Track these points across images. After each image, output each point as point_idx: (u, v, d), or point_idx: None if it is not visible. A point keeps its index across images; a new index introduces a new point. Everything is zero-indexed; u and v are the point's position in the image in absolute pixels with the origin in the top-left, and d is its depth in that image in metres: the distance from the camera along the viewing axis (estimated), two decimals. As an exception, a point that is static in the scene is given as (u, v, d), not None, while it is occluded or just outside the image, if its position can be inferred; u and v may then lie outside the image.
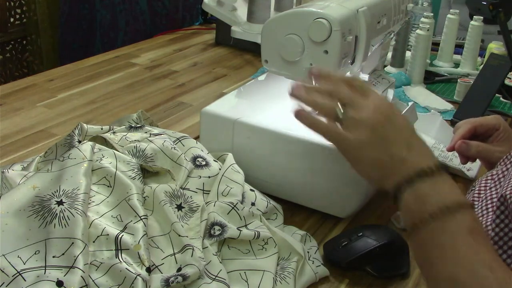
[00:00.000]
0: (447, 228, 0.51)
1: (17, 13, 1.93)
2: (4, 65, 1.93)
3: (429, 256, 0.52)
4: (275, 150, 0.75)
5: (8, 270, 0.53)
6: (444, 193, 0.53)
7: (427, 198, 0.53)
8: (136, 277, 0.55)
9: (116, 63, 1.29)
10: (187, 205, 0.68)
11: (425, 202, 0.53)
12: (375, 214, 0.79)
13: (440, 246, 0.51)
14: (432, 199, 0.53)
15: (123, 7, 1.74)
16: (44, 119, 0.99)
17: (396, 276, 0.67)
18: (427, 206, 0.53)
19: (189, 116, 1.04)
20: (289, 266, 0.64)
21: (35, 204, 0.59)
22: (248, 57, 1.38)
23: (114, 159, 0.68)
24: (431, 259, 0.52)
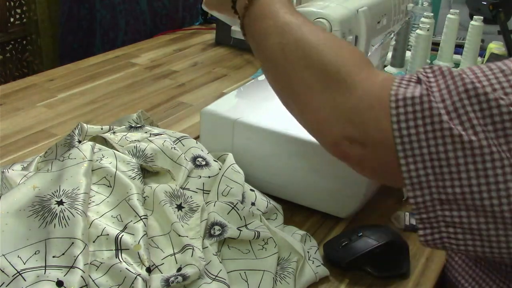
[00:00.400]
0: None
1: (17, 13, 1.93)
2: (4, 65, 1.93)
3: (263, 27, 0.58)
4: (275, 150, 0.75)
5: (8, 270, 0.53)
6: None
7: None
8: (136, 277, 0.55)
9: (116, 63, 1.29)
10: (187, 205, 0.68)
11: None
12: (375, 214, 0.79)
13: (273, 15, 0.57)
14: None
15: (123, 7, 1.74)
16: (44, 119, 0.99)
17: (396, 276, 0.67)
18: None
19: (189, 116, 1.04)
20: (289, 266, 0.64)
21: (35, 204, 0.59)
22: (248, 57, 1.38)
23: (114, 159, 0.68)
24: (265, 29, 0.57)
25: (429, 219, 0.48)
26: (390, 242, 0.67)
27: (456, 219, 0.47)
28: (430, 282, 0.67)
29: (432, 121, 0.46)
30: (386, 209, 0.80)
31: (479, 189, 0.45)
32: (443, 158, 0.46)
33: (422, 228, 0.49)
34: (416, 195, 0.48)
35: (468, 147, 0.45)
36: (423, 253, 0.72)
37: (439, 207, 0.47)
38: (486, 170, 0.45)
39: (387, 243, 0.66)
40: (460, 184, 0.46)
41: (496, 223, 0.46)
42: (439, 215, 0.47)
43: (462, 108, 0.45)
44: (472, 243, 0.48)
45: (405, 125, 0.47)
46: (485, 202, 0.45)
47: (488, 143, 0.44)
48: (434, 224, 0.48)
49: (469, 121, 0.45)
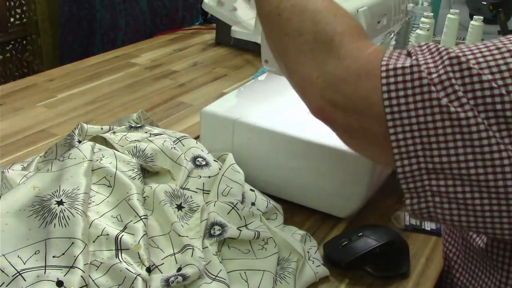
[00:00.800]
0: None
1: (17, 13, 1.93)
2: (4, 65, 1.93)
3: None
4: (275, 150, 0.75)
5: (8, 270, 0.53)
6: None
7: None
8: (136, 277, 0.55)
9: (116, 63, 1.29)
10: (187, 205, 0.68)
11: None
12: (375, 214, 0.79)
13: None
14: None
15: (123, 7, 1.74)
16: (44, 119, 0.99)
17: (396, 276, 0.67)
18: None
19: (189, 116, 1.04)
20: (289, 266, 0.64)
21: (35, 204, 0.59)
22: (248, 57, 1.38)
23: (114, 159, 0.68)
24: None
25: (416, 189, 0.49)
26: (390, 242, 0.67)
27: (442, 188, 0.48)
28: (430, 282, 0.67)
29: (422, 92, 0.47)
30: (386, 209, 0.80)
31: (465, 158, 0.46)
32: (431, 128, 0.47)
33: (409, 198, 0.50)
34: (404, 165, 0.48)
35: (455, 117, 0.46)
36: (423, 253, 0.72)
37: (426, 176, 0.48)
38: (473, 141, 0.45)
39: (387, 243, 0.66)
40: (447, 153, 0.46)
41: (481, 192, 0.46)
42: (426, 184, 0.48)
43: (448, 80, 0.46)
44: (457, 212, 0.48)
45: (395, 94, 0.47)
46: (470, 172, 0.46)
47: (473, 114, 0.45)
48: (421, 194, 0.49)
49: (454, 93, 0.46)
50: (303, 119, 0.79)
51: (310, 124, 0.77)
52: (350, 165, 0.71)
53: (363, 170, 0.70)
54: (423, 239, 0.74)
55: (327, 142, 0.72)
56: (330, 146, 0.72)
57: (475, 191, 0.47)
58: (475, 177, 0.46)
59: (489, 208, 0.47)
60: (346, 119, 0.51)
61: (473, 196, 0.47)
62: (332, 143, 0.72)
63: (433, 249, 0.73)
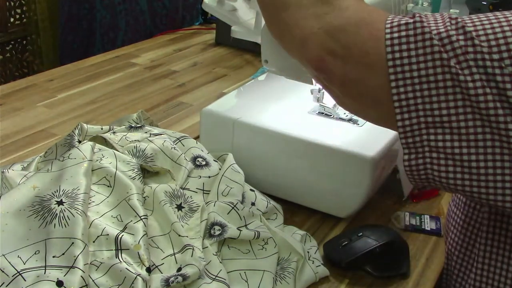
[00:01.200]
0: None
1: (17, 13, 1.93)
2: (4, 65, 1.93)
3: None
4: (275, 150, 0.75)
5: (8, 270, 0.53)
6: None
7: None
8: (136, 277, 0.55)
9: (116, 63, 1.29)
10: (187, 205, 0.68)
11: None
12: (375, 214, 0.79)
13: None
14: None
15: (123, 7, 1.74)
16: (44, 119, 0.99)
17: (396, 276, 0.67)
18: None
19: (189, 116, 1.04)
20: (289, 266, 0.64)
21: (35, 204, 0.59)
22: (248, 57, 1.38)
23: (114, 159, 0.68)
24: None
25: (415, 144, 0.50)
26: (390, 242, 0.67)
27: (440, 143, 0.48)
28: (430, 282, 0.67)
29: (424, 46, 0.48)
30: (386, 209, 0.80)
31: (464, 111, 0.47)
32: (432, 81, 0.47)
33: (407, 153, 0.50)
34: (404, 118, 0.49)
35: (454, 72, 0.46)
36: (423, 253, 0.72)
37: (425, 130, 0.49)
38: (470, 97, 0.46)
39: (387, 243, 0.66)
40: (447, 106, 0.47)
41: (477, 148, 0.47)
42: (425, 139, 0.49)
43: (447, 38, 0.47)
44: (453, 169, 0.49)
45: (398, 48, 0.48)
46: (469, 124, 0.47)
47: (469, 72, 0.46)
48: (419, 149, 0.50)
49: (453, 50, 0.47)
50: (303, 119, 0.79)
51: (310, 124, 0.77)
52: (350, 165, 0.71)
53: (363, 170, 0.70)
54: (423, 239, 0.74)
55: (327, 142, 0.72)
56: (330, 146, 0.72)
57: (472, 147, 0.47)
58: (472, 130, 0.47)
59: (484, 165, 0.47)
60: (344, 69, 0.52)
61: (469, 152, 0.47)
62: (332, 143, 0.72)
63: (433, 249, 0.73)
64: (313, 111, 0.81)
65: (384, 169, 0.75)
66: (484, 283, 0.62)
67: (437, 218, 0.78)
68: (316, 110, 0.81)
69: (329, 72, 0.53)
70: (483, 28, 0.47)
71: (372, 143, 0.72)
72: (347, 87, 0.53)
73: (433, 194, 0.84)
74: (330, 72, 0.53)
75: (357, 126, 0.77)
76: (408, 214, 0.78)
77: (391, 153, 0.75)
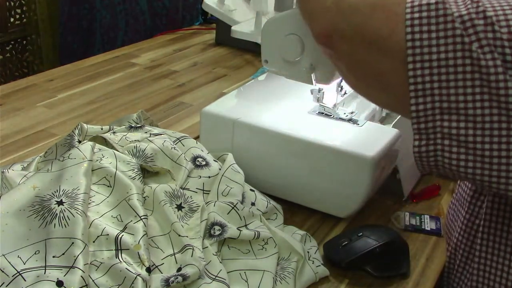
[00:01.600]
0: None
1: (17, 13, 1.93)
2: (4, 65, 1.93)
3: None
4: (275, 150, 0.75)
5: (8, 270, 0.53)
6: None
7: None
8: (136, 277, 0.55)
9: (116, 63, 1.29)
10: (187, 205, 0.68)
11: None
12: (375, 214, 0.79)
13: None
14: None
15: (123, 7, 1.75)
16: (44, 119, 0.99)
17: (396, 276, 0.67)
18: None
19: (189, 116, 1.04)
20: (289, 266, 0.64)
21: (35, 204, 0.59)
22: (248, 57, 1.38)
23: (114, 159, 0.68)
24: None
25: (427, 129, 0.48)
26: (390, 242, 0.67)
27: (453, 130, 0.47)
28: (430, 282, 0.67)
29: (445, 28, 0.46)
30: (386, 209, 0.80)
31: (482, 99, 0.45)
32: (451, 65, 0.46)
33: (418, 139, 0.49)
34: (418, 103, 0.48)
35: (475, 56, 0.45)
36: (423, 253, 0.72)
37: (439, 116, 0.47)
38: (490, 83, 0.45)
39: (387, 243, 0.66)
40: (464, 92, 0.46)
41: (492, 136, 0.46)
42: (438, 125, 0.48)
43: (470, 21, 0.45)
44: (465, 157, 0.48)
45: (418, 29, 0.47)
46: (485, 111, 0.46)
47: (492, 56, 0.45)
48: (431, 135, 0.48)
49: (475, 34, 0.45)
50: (303, 119, 0.79)
51: (310, 124, 0.77)
52: (350, 165, 0.71)
53: (363, 170, 0.70)
54: (423, 239, 0.74)
55: (327, 142, 0.72)
56: (330, 146, 0.72)
57: (486, 135, 0.46)
58: (488, 118, 0.46)
59: (497, 154, 0.46)
60: (351, 49, 0.51)
61: (483, 141, 0.46)
62: (332, 143, 0.72)
63: (433, 249, 0.73)
64: (313, 111, 0.81)
65: (384, 169, 0.75)
66: (487, 278, 0.62)
67: (437, 218, 0.78)
68: (316, 110, 0.81)
69: (335, 48, 0.52)
70: (504, 14, 0.45)
71: (372, 143, 0.72)
72: (353, 67, 0.53)
73: (433, 194, 0.84)
74: (335, 48, 0.52)
75: (357, 126, 0.77)
76: (408, 214, 0.78)
77: (391, 153, 0.75)
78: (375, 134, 0.76)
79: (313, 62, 0.72)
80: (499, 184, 0.47)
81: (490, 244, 0.62)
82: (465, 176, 0.49)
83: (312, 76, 0.72)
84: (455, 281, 0.69)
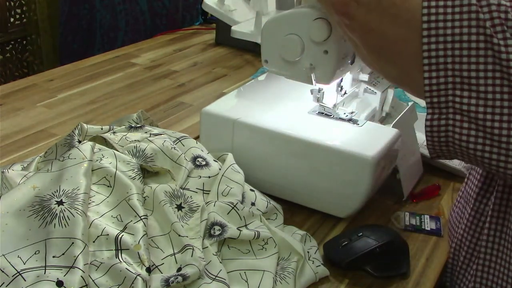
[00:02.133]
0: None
1: (17, 13, 1.93)
2: (4, 65, 1.93)
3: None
4: (275, 150, 0.75)
5: (8, 270, 0.53)
6: None
7: None
8: (136, 277, 0.55)
9: (116, 63, 1.29)
10: (187, 205, 0.68)
11: None
12: (375, 214, 0.79)
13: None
14: None
15: (123, 7, 1.75)
16: (44, 119, 0.99)
17: (396, 276, 0.67)
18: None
19: (189, 116, 1.04)
20: (289, 266, 0.64)
21: (35, 204, 0.59)
22: (248, 57, 1.38)
23: (114, 159, 0.68)
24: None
25: (439, 104, 0.48)
26: (390, 242, 0.67)
27: (465, 106, 0.47)
28: (430, 282, 0.67)
29: (462, 4, 0.46)
30: (386, 209, 0.80)
31: (493, 75, 0.46)
32: (465, 41, 0.46)
33: (431, 113, 0.49)
34: (432, 77, 0.48)
35: (489, 33, 0.45)
36: (423, 253, 0.72)
37: (451, 91, 0.48)
38: (501, 61, 0.45)
39: (387, 243, 0.66)
40: (477, 69, 0.46)
41: (502, 115, 0.46)
42: (450, 100, 0.48)
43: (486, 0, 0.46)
44: (475, 133, 0.48)
45: (434, 3, 0.47)
46: (496, 89, 0.46)
47: (503, 36, 0.45)
48: (443, 110, 0.48)
49: (490, 13, 0.45)
50: (303, 119, 0.79)
51: (310, 124, 0.77)
52: (350, 165, 0.71)
53: (363, 170, 0.70)
54: (423, 239, 0.74)
55: (327, 142, 0.72)
56: (330, 146, 0.72)
57: (496, 113, 0.46)
58: (499, 98, 0.46)
59: (506, 133, 0.46)
60: (367, 17, 0.51)
61: (493, 119, 0.46)
62: (332, 143, 0.72)
63: (433, 249, 0.73)
64: (313, 111, 0.81)
65: (384, 169, 0.75)
66: (491, 274, 0.62)
67: (437, 218, 0.78)
68: (316, 110, 0.81)
69: (351, 18, 0.52)
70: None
71: (372, 143, 0.72)
72: (368, 37, 0.52)
73: (433, 194, 0.84)
74: (352, 18, 0.52)
75: (357, 126, 0.77)
76: (408, 214, 0.78)
77: (391, 153, 0.75)
78: (375, 134, 0.76)
79: (313, 62, 0.72)
80: (507, 163, 0.47)
81: (496, 240, 0.62)
82: (473, 154, 0.49)
83: (312, 76, 0.72)
84: (458, 277, 0.69)
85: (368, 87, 0.87)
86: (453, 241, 0.71)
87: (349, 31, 0.54)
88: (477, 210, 0.66)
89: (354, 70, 0.82)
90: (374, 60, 0.55)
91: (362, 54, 0.55)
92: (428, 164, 0.91)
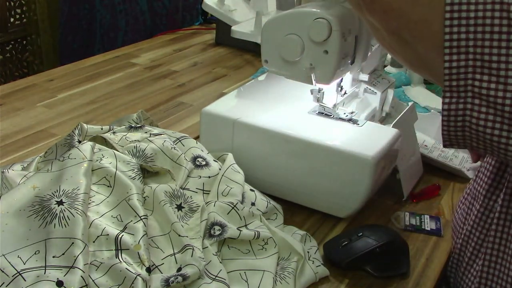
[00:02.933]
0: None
1: (17, 13, 1.93)
2: (4, 65, 1.93)
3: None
4: (275, 150, 0.75)
5: (8, 270, 0.53)
6: None
7: None
8: (136, 277, 0.55)
9: (116, 63, 1.29)
10: (187, 205, 0.68)
11: None
12: (375, 214, 0.79)
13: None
14: None
15: (123, 7, 1.75)
16: (44, 119, 0.99)
17: (396, 276, 0.67)
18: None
19: (189, 116, 1.04)
20: (289, 266, 0.64)
21: (35, 204, 0.59)
22: (248, 57, 1.38)
23: (114, 159, 0.68)
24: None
25: (458, 87, 0.48)
26: (390, 242, 0.67)
27: (484, 90, 0.47)
28: (430, 282, 0.67)
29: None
30: (386, 209, 0.80)
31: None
32: (488, 24, 0.46)
33: (449, 97, 0.49)
34: (452, 60, 0.47)
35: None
36: (423, 253, 0.72)
37: (471, 75, 0.47)
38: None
39: (387, 243, 0.66)
40: (498, 53, 0.46)
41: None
42: (469, 84, 0.47)
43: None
44: (493, 118, 0.47)
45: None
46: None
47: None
48: (462, 94, 0.48)
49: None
50: (303, 119, 0.79)
51: (310, 124, 0.77)
52: (350, 165, 0.71)
53: (363, 170, 0.70)
54: (423, 239, 0.74)
55: (327, 142, 0.72)
56: (330, 146, 0.72)
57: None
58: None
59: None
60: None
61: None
62: (332, 143, 0.72)
63: (433, 249, 0.73)
64: (313, 111, 0.81)
65: (384, 169, 0.75)
66: (498, 270, 0.62)
67: (437, 218, 0.78)
68: (316, 110, 0.81)
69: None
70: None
71: (372, 143, 0.72)
72: (389, 18, 0.52)
73: (433, 194, 0.84)
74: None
75: (357, 126, 0.77)
76: (408, 214, 0.78)
77: (391, 153, 0.75)
78: (375, 134, 0.76)
79: (313, 62, 0.72)
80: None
81: (504, 236, 0.62)
82: (490, 139, 0.48)
83: (312, 76, 0.73)
84: (464, 273, 0.69)
85: (368, 87, 0.87)
86: (458, 237, 0.71)
87: (369, 13, 0.54)
88: (486, 207, 0.66)
89: (354, 70, 0.82)
90: (394, 42, 0.54)
91: (382, 36, 0.55)
92: (428, 164, 0.91)
